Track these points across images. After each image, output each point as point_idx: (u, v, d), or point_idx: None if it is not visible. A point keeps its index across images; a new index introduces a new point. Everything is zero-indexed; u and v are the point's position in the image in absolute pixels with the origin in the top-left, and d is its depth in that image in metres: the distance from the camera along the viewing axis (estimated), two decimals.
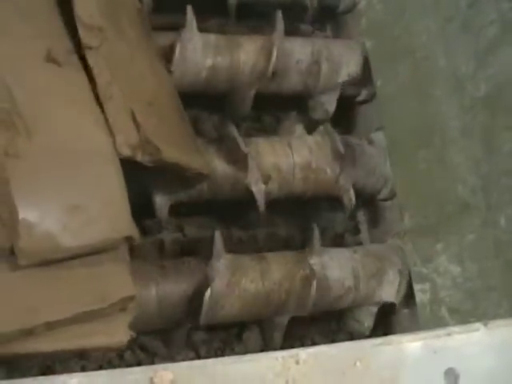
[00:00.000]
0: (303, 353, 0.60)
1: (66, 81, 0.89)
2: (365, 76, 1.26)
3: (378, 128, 1.24)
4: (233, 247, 1.09)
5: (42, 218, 0.77)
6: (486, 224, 1.00)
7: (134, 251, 0.90)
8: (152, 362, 1.07)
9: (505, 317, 0.88)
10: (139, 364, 1.06)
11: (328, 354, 0.61)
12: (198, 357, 1.10)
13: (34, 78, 0.87)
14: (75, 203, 0.80)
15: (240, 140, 1.11)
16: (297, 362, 0.60)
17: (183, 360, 1.06)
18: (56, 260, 0.80)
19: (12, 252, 0.78)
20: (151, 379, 0.57)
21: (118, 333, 0.82)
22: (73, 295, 0.80)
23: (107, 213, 0.82)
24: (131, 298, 0.83)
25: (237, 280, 1.04)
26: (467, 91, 1.03)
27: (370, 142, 1.23)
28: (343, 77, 1.25)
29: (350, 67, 1.26)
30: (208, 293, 1.00)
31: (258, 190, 1.11)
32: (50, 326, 0.78)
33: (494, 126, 0.98)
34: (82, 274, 0.81)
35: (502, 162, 0.97)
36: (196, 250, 1.15)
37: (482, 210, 1.00)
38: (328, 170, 1.17)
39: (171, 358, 1.07)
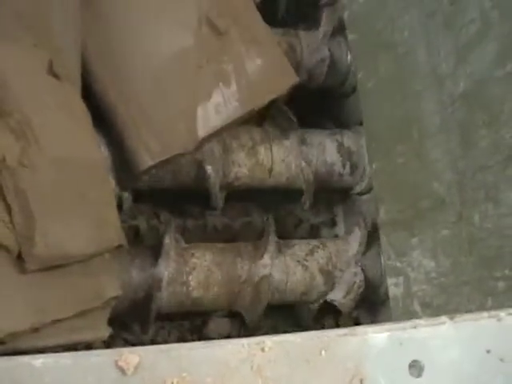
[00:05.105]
0: (269, 340, 0.60)
1: (65, 95, 0.92)
2: None
3: None
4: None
5: (55, 227, 0.81)
6: (460, 220, 1.00)
7: None
8: None
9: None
10: None
11: (293, 342, 0.61)
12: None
13: (40, 90, 0.89)
14: (79, 213, 0.85)
15: None
16: (262, 350, 0.60)
17: None
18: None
19: (19, 256, 0.81)
20: (116, 362, 0.57)
21: (100, 328, 0.90)
22: (74, 295, 0.86)
23: (103, 222, 0.88)
24: (116, 298, 0.91)
25: None
26: (446, 87, 1.03)
27: None
28: None
29: None
30: None
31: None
32: (55, 324, 0.83)
33: (472, 123, 0.98)
34: (80, 276, 0.87)
35: (477, 158, 0.97)
36: None
37: (457, 206, 1.01)
38: None
39: None
